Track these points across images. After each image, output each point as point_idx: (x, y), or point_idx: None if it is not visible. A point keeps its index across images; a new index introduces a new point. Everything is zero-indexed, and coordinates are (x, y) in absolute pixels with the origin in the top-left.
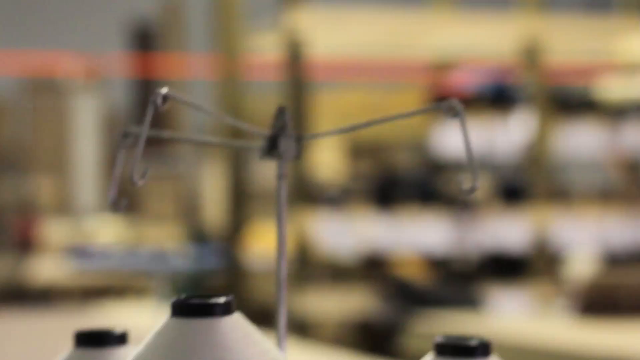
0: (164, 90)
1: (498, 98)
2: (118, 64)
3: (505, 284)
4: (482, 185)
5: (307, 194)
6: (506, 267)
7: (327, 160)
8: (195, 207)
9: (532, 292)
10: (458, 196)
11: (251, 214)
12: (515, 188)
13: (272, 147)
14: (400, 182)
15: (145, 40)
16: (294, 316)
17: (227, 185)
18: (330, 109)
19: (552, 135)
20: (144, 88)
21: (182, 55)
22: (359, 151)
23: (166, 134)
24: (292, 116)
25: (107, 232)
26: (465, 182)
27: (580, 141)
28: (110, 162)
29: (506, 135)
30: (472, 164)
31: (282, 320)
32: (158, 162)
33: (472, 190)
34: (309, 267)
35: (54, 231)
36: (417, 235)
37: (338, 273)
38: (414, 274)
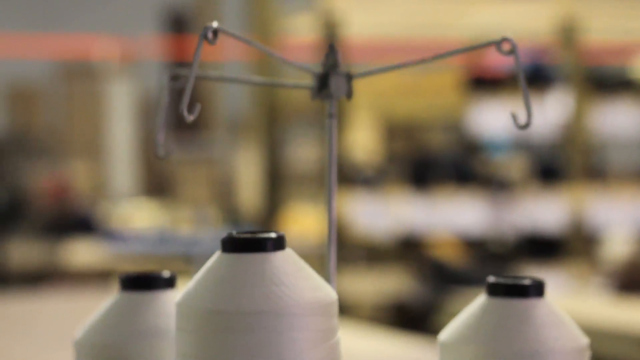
0: (215, 24)
1: (535, 78)
2: (153, 47)
3: (541, 265)
4: (519, 166)
5: (343, 175)
6: (542, 248)
7: (362, 141)
8: (230, 191)
9: (568, 272)
10: (516, 125)
11: (286, 197)
12: (552, 168)
13: (322, 86)
14: (435, 162)
15: (179, 22)
16: None
17: (262, 168)
18: (366, 90)
19: (588, 115)
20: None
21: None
22: (394, 132)
23: (213, 75)
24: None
25: (142, 216)
26: (519, 118)
27: (617, 121)
28: (145, 145)
29: (543, 115)
30: (527, 97)
31: (332, 257)
32: (193, 146)
33: (527, 125)
34: (344, 249)
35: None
36: (452, 216)
37: (374, 254)
38: (450, 254)
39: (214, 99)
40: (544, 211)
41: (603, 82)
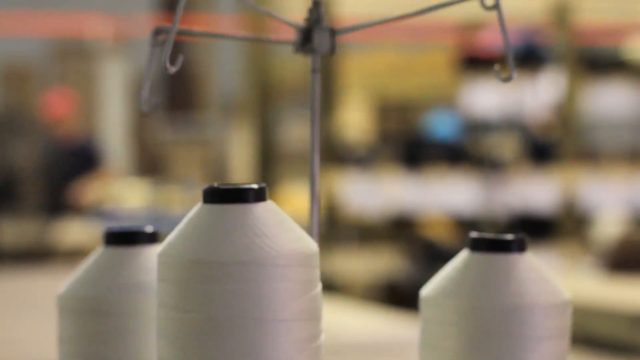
0: None
1: (527, 58)
2: (146, 25)
3: (533, 244)
4: (511, 146)
5: (335, 154)
6: (534, 227)
7: (355, 120)
8: (223, 171)
9: (559, 252)
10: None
11: (279, 177)
12: (544, 148)
13: (306, 40)
14: (428, 142)
15: (172, 1)
16: (321, 276)
17: (254, 148)
18: (359, 70)
19: (581, 95)
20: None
21: (210, 15)
22: (387, 111)
23: (197, 31)
24: (321, 76)
25: (135, 195)
26: (501, 73)
27: (610, 101)
28: (138, 124)
29: (535, 95)
30: (509, 52)
31: (315, 214)
32: (185, 127)
33: (509, 78)
34: (336, 228)
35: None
36: (444, 196)
37: (366, 233)
38: (442, 234)
39: (206, 79)
40: (535, 191)
41: (595, 62)
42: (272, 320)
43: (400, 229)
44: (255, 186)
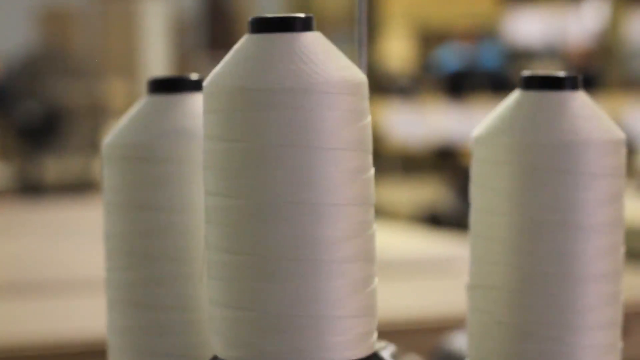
0: None
1: None
2: None
3: None
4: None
5: (378, 84)
6: None
7: (397, 49)
8: None
9: None
10: None
11: None
12: (587, 77)
13: None
14: (471, 71)
15: None
16: None
17: None
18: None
19: (624, 23)
20: None
21: None
22: (430, 40)
23: None
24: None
25: None
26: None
27: None
28: (180, 65)
29: (578, 23)
30: None
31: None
32: None
33: None
34: (380, 159)
35: None
36: None
37: (409, 164)
38: None
39: (248, 16)
40: None
41: None
42: (320, 149)
43: (443, 159)
44: (302, 15)
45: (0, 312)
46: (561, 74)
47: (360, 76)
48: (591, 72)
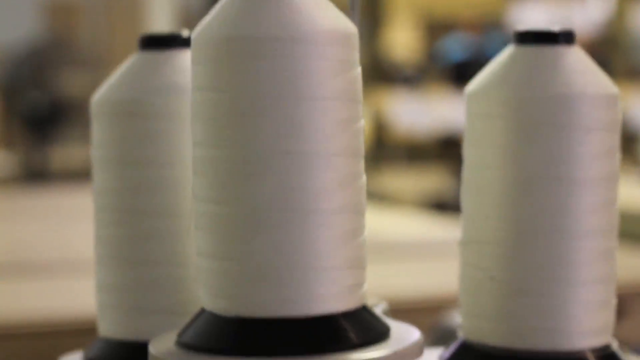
0: None
1: None
2: None
3: None
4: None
5: (383, 73)
6: None
7: (403, 39)
8: None
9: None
10: None
11: None
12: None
13: None
14: (477, 61)
15: None
16: (370, 195)
17: None
18: None
19: (630, 13)
20: None
21: None
22: (435, 30)
23: None
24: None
25: None
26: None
27: None
28: None
29: (584, 13)
30: None
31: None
32: None
33: None
34: (385, 148)
35: None
36: None
37: (414, 153)
38: None
39: None
40: None
41: None
42: (309, 98)
43: (448, 148)
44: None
45: (6, 290)
46: (556, 28)
47: (350, 27)
48: (596, 62)
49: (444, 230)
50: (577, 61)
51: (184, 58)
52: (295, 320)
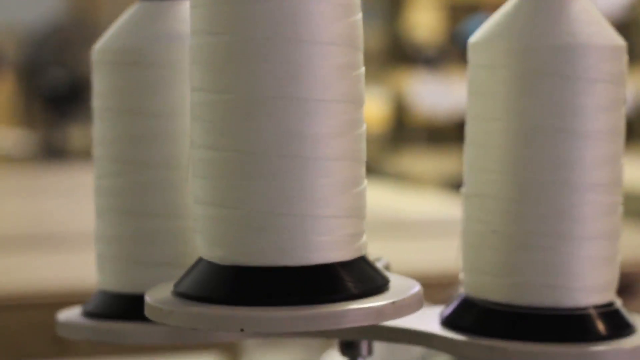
0: None
1: None
2: None
3: None
4: None
5: (404, 54)
6: None
7: (424, 20)
8: None
9: (637, 152)
10: None
11: None
12: None
13: None
14: None
15: None
16: (390, 177)
17: None
18: None
19: None
20: None
21: None
22: (457, 11)
23: None
24: None
25: None
26: None
27: None
28: None
29: None
30: None
31: None
32: None
33: None
34: (405, 129)
35: None
36: None
37: (435, 135)
38: None
39: None
40: None
41: None
42: (308, 42)
43: None
44: None
45: (27, 262)
46: None
47: None
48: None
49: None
50: (583, 11)
51: (186, 6)
52: (293, 269)
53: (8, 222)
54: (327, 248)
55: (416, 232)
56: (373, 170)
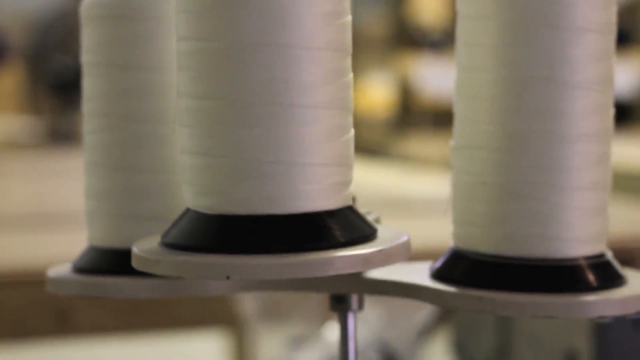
0: None
1: None
2: None
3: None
4: None
5: (409, 39)
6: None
7: (429, 4)
8: None
9: (635, 135)
10: None
11: (355, 68)
12: (622, 32)
13: None
14: None
15: None
16: (396, 160)
17: None
18: None
19: None
20: None
21: None
22: None
23: None
24: None
25: None
26: None
27: None
28: None
29: None
30: None
31: None
32: None
33: None
34: (411, 113)
35: None
36: None
37: (440, 118)
38: None
39: None
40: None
41: None
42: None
43: None
44: None
45: (29, 240)
46: None
47: None
48: (625, 27)
49: None
50: None
51: None
52: (279, 217)
53: (14, 202)
54: (314, 196)
55: (423, 211)
56: (380, 153)
